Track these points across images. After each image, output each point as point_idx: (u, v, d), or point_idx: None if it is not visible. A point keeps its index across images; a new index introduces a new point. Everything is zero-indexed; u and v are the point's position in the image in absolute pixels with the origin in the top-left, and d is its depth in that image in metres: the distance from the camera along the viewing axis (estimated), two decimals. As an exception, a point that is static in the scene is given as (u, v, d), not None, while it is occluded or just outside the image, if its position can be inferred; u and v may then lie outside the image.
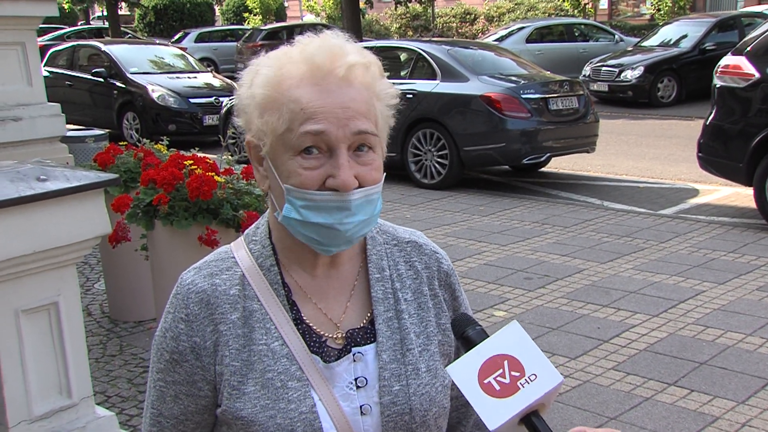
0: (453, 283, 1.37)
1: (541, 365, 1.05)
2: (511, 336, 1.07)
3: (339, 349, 1.24)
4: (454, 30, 29.35)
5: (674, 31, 16.27)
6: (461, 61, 9.10)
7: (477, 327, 1.14)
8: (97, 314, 5.16)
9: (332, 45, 1.18)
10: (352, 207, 1.15)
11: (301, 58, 1.16)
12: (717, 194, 8.31)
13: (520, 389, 1.03)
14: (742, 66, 6.81)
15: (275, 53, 1.21)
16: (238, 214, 3.80)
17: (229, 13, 36.54)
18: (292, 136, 1.14)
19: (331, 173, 1.14)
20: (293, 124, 1.14)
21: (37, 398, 2.59)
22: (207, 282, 1.24)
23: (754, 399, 3.80)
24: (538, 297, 5.28)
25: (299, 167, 1.15)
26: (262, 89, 1.17)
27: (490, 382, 1.04)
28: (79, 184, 2.57)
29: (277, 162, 1.18)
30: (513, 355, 1.05)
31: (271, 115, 1.16)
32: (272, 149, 1.18)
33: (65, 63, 13.99)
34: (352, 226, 1.17)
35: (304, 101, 1.14)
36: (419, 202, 8.22)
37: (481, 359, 1.05)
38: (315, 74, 1.15)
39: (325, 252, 1.22)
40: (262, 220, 1.31)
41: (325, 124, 1.13)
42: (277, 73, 1.17)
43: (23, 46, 5.40)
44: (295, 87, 1.15)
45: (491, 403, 1.02)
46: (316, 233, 1.17)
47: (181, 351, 1.23)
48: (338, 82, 1.15)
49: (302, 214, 1.16)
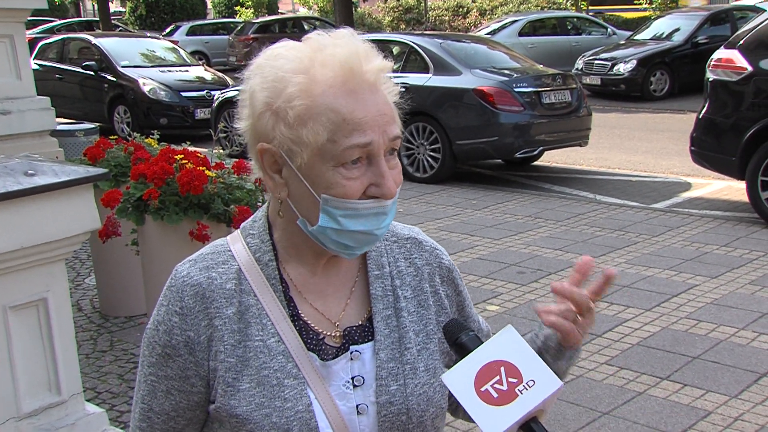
0: (455, 278, 1.36)
1: (539, 370, 1.02)
2: (506, 341, 1.05)
3: (336, 347, 1.23)
4: (447, 23, 29.29)
5: (667, 25, 16.28)
6: (454, 54, 9.07)
7: (470, 333, 1.11)
8: (87, 309, 5.13)
9: (359, 49, 1.14)
10: (388, 211, 1.16)
11: (333, 63, 1.12)
12: (709, 188, 8.32)
13: (519, 396, 1.00)
14: (734, 59, 6.81)
15: (292, 54, 1.15)
16: (229, 208, 3.78)
17: (220, 6, 36.36)
18: (336, 147, 1.11)
19: (374, 182, 1.14)
20: (336, 135, 1.11)
21: (25, 395, 2.57)
22: (203, 275, 1.22)
23: (746, 393, 3.80)
24: (530, 291, 5.27)
25: (342, 178, 1.12)
26: (300, 100, 1.11)
27: (487, 389, 1.01)
28: (67, 179, 2.54)
29: (312, 172, 1.14)
30: (510, 361, 1.03)
31: (312, 127, 1.11)
32: (308, 160, 1.13)
33: (55, 56, 13.89)
34: (385, 228, 1.18)
35: (346, 111, 1.11)
36: (412, 196, 8.20)
37: (477, 366, 1.03)
38: (348, 80, 1.12)
39: (350, 256, 1.21)
40: (259, 213, 1.28)
41: (371, 135, 1.12)
42: (309, 80, 1.12)
43: (11, 39, 5.36)
44: (330, 95, 1.11)
45: (490, 411, 1.00)
46: (352, 240, 1.16)
47: (174, 345, 1.21)
48: (369, 87, 1.13)
49: (341, 223, 1.14)
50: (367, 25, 29.73)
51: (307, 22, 25.52)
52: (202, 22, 27.62)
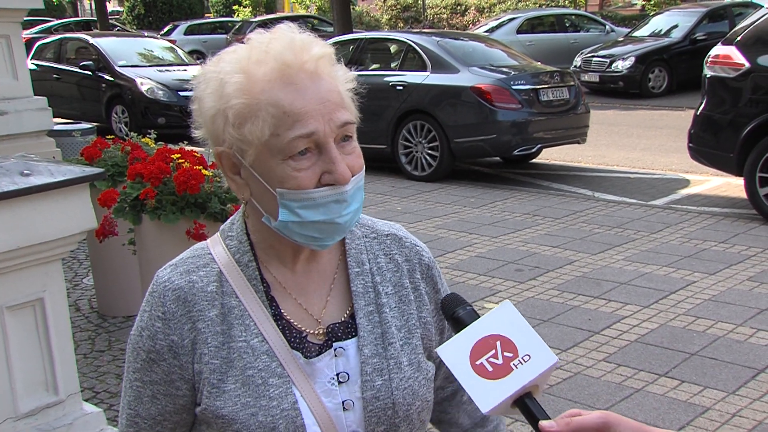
0: (434, 275, 1.36)
1: (535, 345, 1.01)
2: (503, 316, 1.04)
3: (320, 345, 1.23)
4: (445, 21, 29.27)
5: (665, 22, 16.28)
6: (451, 52, 9.06)
7: (467, 307, 1.11)
8: (85, 309, 5.12)
9: (295, 40, 1.14)
10: (348, 198, 1.15)
11: (268, 58, 1.12)
12: (708, 185, 8.32)
13: (514, 370, 0.99)
14: (732, 56, 6.81)
15: (231, 56, 1.16)
16: (226, 207, 3.78)
17: (218, 6, 36.34)
18: (280, 141, 1.12)
19: (326, 169, 1.13)
20: (279, 129, 1.11)
21: (23, 395, 2.57)
22: (183, 279, 1.22)
23: (744, 389, 3.80)
24: (529, 289, 5.27)
25: (292, 170, 1.13)
26: (237, 99, 1.12)
27: (482, 363, 1.00)
28: (63, 179, 2.54)
29: (263, 168, 1.15)
30: (506, 336, 1.02)
31: (253, 124, 1.12)
32: (257, 158, 1.14)
33: (52, 56, 13.87)
34: (349, 216, 1.17)
35: (285, 104, 1.11)
36: (410, 194, 8.20)
37: (473, 340, 1.02)
38: (286, 73, 1.12)
39: (321, 247, 1.21)
40: (237, 215, 1.29)
41: (313, 124, 1.11)
42: (246, 78, 1.12)
43: (8, 39, 5.35)
44: (269, 90, 1.11)
45: (483, 384, 0.99)
46: (316, 231, 1.16)
47: (158, 350, 1.22)
48: (310, 76, 1.13)
49: (300, 215, 1.14)
50: (365, 23, 29.71)
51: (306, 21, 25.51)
52: (199, 22, 27.60)
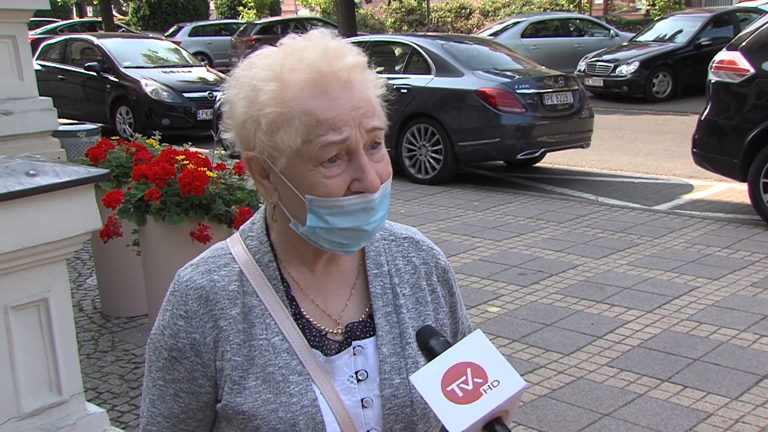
0: (450, 279, 1.38)
1: (504, 371, 1.05)
2: (474, 344, 1.08)
3: (339, 343, 1.25)
4: (449, 25, 29.29)
5: (669, 27, 16.26)
6: (456, 55, 9.07)
7: (441, 338, 1.15)
8: (89, 310, 5.13)
9: (329, 48, 1.15)
10: (375, 206, 1.16)
11: (302, 66, 1.13)
12: (711, 190, 8.31)
13: (483, 395, 1.03)
14: (737, 61, 6.80)
15: (264, 62, 1.17)
16: (231, 209, 3.78)
17: (223, 7, 36.39)
18: (312, 147, 1.12)
19: (356, 177, 1.14)
20: (311, 136, 1.12)
21: (26, 395, 2.57)
22: (205, 278, 1.24)
23: (747, 395, 3.79)
24: (532, 293, 5.27)
25: (322, 177, 1.13)
26: (271, 107, 1.13)
27: (453, 389, 1.04)
28: (68, 180, 2.55)
29: (293, 175, 1.16)
30: (476, 363, 1.06)
31: (286, 132, 1.13)
32: (288, 164, 1.15)
33: (58, 57, 13.90)
34: (376, 223, 1.18)
35: (319, 112, 1.12)
36: (413, 198, 8.20)
37: (445, 367, 1.06)
38: (319, 81, 1.13)
39: (347, 253, 1.23)
40: (257, 215, 1.31)
41: (346, 131, 1.12)
42: (280, 87, 1.13)
43: (14, 40, 5.37)
44: (302, 98, 1.12)
45: (454, 409, 1.02)
46: (343, 237, 1.18)
47: (180, 348, 1.23)
48: (343, 85, 1.13)
49: (328, 221, 1.16)
50: (370, 26, 29.73)
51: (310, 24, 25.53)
52: (204, 23, 27.64)
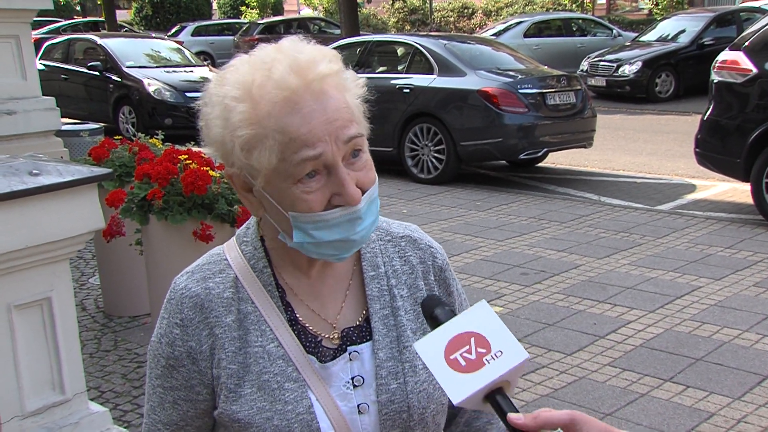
0: (447, 278, 1.35)
1: (508, 342, 1.05)
2: (478, 314, 1.08)
3: (334, 349, 1.24)
4: (452, 24, 29.28)
5: (672, 26, 16.24)
6: (458, 55, 9.07)
7: (446, 307, 1.13)
8: (91, 309, 5.14)
9: (299, 60, 1.11)
10: (361, 215, 1.14)
11: (271, 82, 1.10)
12: (714, 190, 8.30)
13: (486, 365, 1.03)
14: (739, 61, 6.80)
15: (234, 77, 1.14)
16: (233, 209, 3.79)
17: (225, 7, 36.42)
18: (287, 165, 1.10)
19: (336, 191, 1.12)
20: (285, 154, 1.10)
21: (29, 394, 2.58)
22: (200, 286, 1.24)
23: (749, 395, 3.79)
24: (534, 293, 5.27)
25: (302, 193, 1.12)
26: (244, 129, 1.11)
27: (456, 357, 1.04)
28: (72, 179, 2.55)
29: (274, 192, 1.14)
30: (480, 333, 1.05)
31: (260, 153, 1.10)
32: (267, 182, 1.14)
33: (61, 56, 13.92)
34: (364, 231, 1.17)
35: (292, 129, 1.09)
36: (416, 197, 8.20)
37: (448, 336, 1.06)
38: (290, 98, 1.09)
39: (339, 260, 1.22)
40: (252, 220, 1.30)
41: (320, 146, 1.09)
42: (251, 107, 1.10)
43: (17, 39, 5.38)
44: (274, 116, 1.09)
45: (456, 377, 1.02)
46: (333, 249, 1.17)
47: (177, 356, 1.23)
48: (316, 97, 1.10)
49: (314, 236, 1.14)
50: (372, 26, 29.72)
51: (312, 23, 25.54)
52: (207, 23, 27.64)
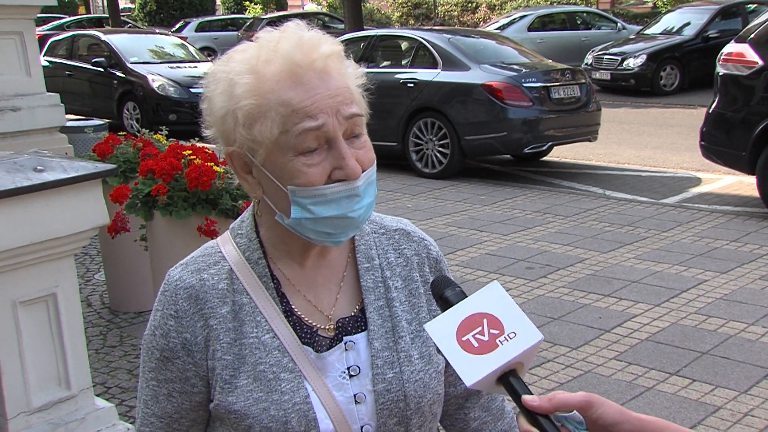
0: (442, 269, 1.37)
1: (521, 323, 1.03)
2: (491, 295, 1.06)
3: (330, 339, 1.24)
4: (456, 18, 29.21)
5: (677, 19, 16.19)
6: (462, 49, 9.05)
7: (456, 288, 1.12)
8: (97, 305, 5.15)
9: (303, 39, 1.15)
10: (360, 192, 1.16)
11: (277, 57, 1.13)
12: (719, 183, 8.28)
13: (499, 346, 1.01)
14: (745, 54, 6.77)
15: (241, 56, 1.17)
16: (237, 204, 3.79)
17: (229, 2, 36.38)
18: (289, 137, 1.13)
19: (336, 165, 1.14)
20: (288, 125, 1.12)
21: (35, 390, 2.59)
22: (195, 277, 1.24)
23: (756, 389, 3.78)
24: (539, 287, 5.26)
25: (303, 166, 1.13)
26: (247, 100, 1.13)
27: (468, 339, 1.02)
28: (76, 175, 2.56)
29: (274, 166, 1.16)
30: (492, 314, 1.04)
31: (263, 124, 1.13)
32: (267, 157, 1.16)
33: (65, 53, 13.94)
34: (362, 210, 1.18)
35: (294, 102, 1.12)
36: (420, 192, 8.20)
37: (460, 317, 1.04)
38: (295, 72, 1.13)
39: (334, 244, 1.22)
40: (247, 213, 1.31)
41: (322, 117, 1.12)
42: (256, 79, 1.14)
43: (21, 36, 5.38)
44: (278, 89, 1.13)
45: (469, 359, 1.00)
46: (330, 226, 1.17)
47: (172, 348, 1.23)
48: (319, 75, 1.14)
49: (312, 211, 1.15)
50: (376, 20, 29.68)
51: (316, 18, 25.50)
52: (211, 19, 27.67)
